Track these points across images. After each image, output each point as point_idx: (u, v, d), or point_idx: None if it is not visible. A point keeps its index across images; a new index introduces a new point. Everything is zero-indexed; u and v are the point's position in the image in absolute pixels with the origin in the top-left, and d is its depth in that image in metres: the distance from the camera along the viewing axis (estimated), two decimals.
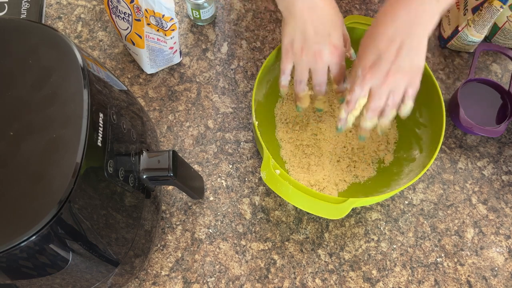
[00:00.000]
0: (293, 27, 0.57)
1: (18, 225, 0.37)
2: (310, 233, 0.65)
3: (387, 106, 0.56)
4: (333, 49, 0.57)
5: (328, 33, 0.57)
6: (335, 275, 0.63)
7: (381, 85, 0.55)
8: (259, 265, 0.63)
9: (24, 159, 0.39)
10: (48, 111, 0.41)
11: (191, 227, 0.65)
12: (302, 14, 0.56)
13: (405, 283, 0.63)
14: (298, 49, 0.58)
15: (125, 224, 0.49)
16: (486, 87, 0.74)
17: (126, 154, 0.48)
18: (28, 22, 0.46)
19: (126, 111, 0.51)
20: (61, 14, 0.80)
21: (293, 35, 0.58)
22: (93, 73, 0.45)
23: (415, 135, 0.68)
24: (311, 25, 0.56)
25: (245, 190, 0.68)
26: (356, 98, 0.56)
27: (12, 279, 0.42)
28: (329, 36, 0.57)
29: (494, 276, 0.64)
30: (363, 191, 0.66)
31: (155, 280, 0.62)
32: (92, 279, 0.48)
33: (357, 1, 0.84)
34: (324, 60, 0.57)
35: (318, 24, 0.56)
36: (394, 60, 0.53)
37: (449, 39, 0.77)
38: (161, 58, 0.71)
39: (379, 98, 0.55)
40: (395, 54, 0.53)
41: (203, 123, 0.72)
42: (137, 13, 0.64)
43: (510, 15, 0.73)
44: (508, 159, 0.72)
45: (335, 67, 0.59)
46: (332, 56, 0.57)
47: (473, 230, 0.67)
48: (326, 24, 0.57)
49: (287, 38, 0.58)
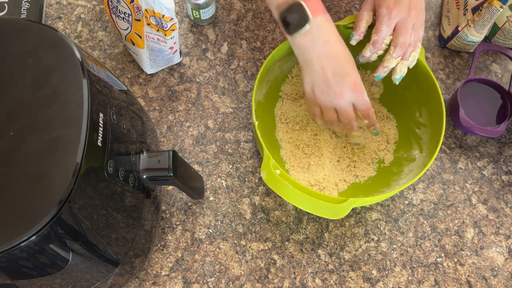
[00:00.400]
0: (311, 74, 0.59)
1: (18, 225, 0.37)
2: (310, 233, 0.65)
3: (409, 46, 0.61)
4: (353, 86, 0.59)
5: (346, 72, 0.59)
6: (335, 275, 0.63)
7: (406, 18, 0.60)
8: (259, 265, 0.63)
9: (24, 159, 0.39)
10: (48, 111, 0.41)
11: (191, 227, 0.65)
12: (318, 61, 0.58)
13: (405, 283, 0.63)
14: (320, 93, 0.60)
15: (125, 224, 0.49)
16: (486, 87, 0.74)
17: (126, 154, 0.48)
18: (28, 22, 0.46)
19: (126, 111, 0.52)
20: (61, 14, 0.80)
21: (313, 81, 0.60)
22: (93, 73, 0.45)
23: (415, 135, 0.68)
24: (328, 69, 0.58)
25: (245, 190, 0.68)
26: (383, 37, 0.61)
27: (12, 279, 0.42)
28: (347, 75, 0.59)
29: (494, 276, 0.64)
30: (363, 191, 0.66)
31: (155, 280, 0.62)
32: (92, 279, 0.48)
33: (357, 1, 0.84)
34: (346, 99, 0.59)
35: (335, 66, 0.59)
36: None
37: (449, 39, 0.77)
38: (161, 58, 0.71)
39: (407, 31, 0.60)
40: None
41: (203, 123, 0.72)
42: (137, 13, 0.64)
43: (510, 15, 0.73)
44: (508, 159, 0.72)
45: (360, 103, 0.61)
46: (354, 93, 0.59)
47: (473, 230, 0.67)
48: (343, 65, 0.59)
49: (308, 85, 0.61)
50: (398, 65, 0.62)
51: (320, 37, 0.58)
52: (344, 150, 0.69)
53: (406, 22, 0.60)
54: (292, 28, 0.57)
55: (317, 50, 0.58)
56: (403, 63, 0.62)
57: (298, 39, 0.58)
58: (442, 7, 0.83)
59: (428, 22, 0.82)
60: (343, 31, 0.68)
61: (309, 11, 0.56)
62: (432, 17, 0.83)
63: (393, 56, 0.61)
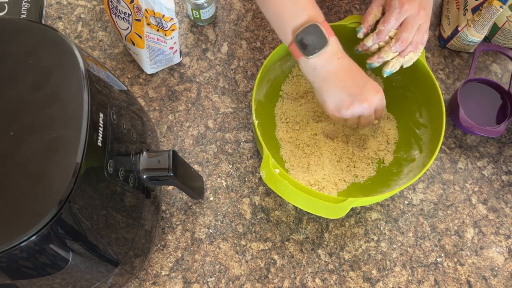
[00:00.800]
0: (332, 92, 0.60)
1: (18, 225, 0.37)
2: (310, 233, 0.65)
3: (410, 45, 0.61)
4: (375, 91, 0.60)
5: (365, 81, 0.60)
6: (335, 275, 0.63)
7: (415, 16, 0.60)
8: (259, 265, 0.63)
9: (24, 159, 0.39)
10: (48, 111, 0.41)
11: (191, 227, 0.65)
12: (337, 75, 0.59)
13: (405, 283, 0.63)
14: (346, 108, 0.60)
15: (125, 224, 0.49)
16: (486, 87, 0.74)
17: (126, 154, 0.48)
18: (28, 22, 0.46)
19: (126, 111, 0.52)
20: (61, 14, 0.80)
21: (336, 98, 0.60)
22: (93, 73, 0.45)
23: (415, 135, 0.68)
24: (349, 81, 0.59)
25: (245, 190, 0.68)
26: (389, 29, 0.62)
27: (12, 279, 0.42)
28: (367, 83, 0.60)
29: (494, 276, 0.64)
30: (363, 191, 0.66)
31: (155, 280, 0.62)
32: (92, 279, 0.48)
33: (357, 1, 0.84)
34: (372, 105, 0.61)
35: (354, 77, 0.60)
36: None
37: (449, 39, 0.77)
38: (161, 58, 0.71)
39: (412, 28, 0.60)
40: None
41: (203, 123, 0.72)
42: (137, 13, 0.64)
43: (510, 15, 0.73)
44: (508, 159, 0.72)
45: (380, 105, 0.62)
46: (377, 98, 0.61)
47: (473, 230, 0.67)
48: (359, 75, 0.60)
49: (331, 105, 0.61)
50: (392, 60, 0.63)
51: (335, 55, 0.58)
52: (344, 150, 0.69)
53: (414, 19, 0.61)
54: (310, 49, 0.57)
55: (333, 66, 0.59)
56: (398, 59, 0.63)
57: (313, 60, 0.58)
58: (442, 7, 0.83)
59: None
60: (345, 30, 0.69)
61: (326, 32, 0.57)
62: (432, 17, 0.82)
63: (392, 49, 0.62)
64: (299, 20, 0.57)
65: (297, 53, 0.58)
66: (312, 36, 0.57)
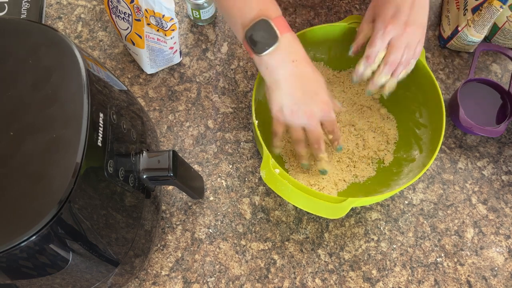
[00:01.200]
0: (280, 94, 0.58)
1: (18, 225, 0.37)
2: (310, 233, 0.65)
3: (400, 65, 0.60)
4: (322, 105, 0.58)
5: (315, 91, 0.58)
6: (335, 275, 0.63)
7: (400, 36, 0.58)
8: (259, 265, 0.63)
9: (24, 159, 0.39)
10: (48, 111, 0.41)
11: (191, 227, 0.65)
12: (287, 80, 0.57)
13: (405, 283, 0.63)
14: (289, 114, 0.58)
15: (125, 224, 0.49)
16: (486, 87, 0.74)
17: (126, 154, 0.48)
18: (28, 22, 0.46)
19: (126, 111, 0.52)
20: (61, 14, 0.80)
21: (281, 101, 0.58)
22: (93, 73, 0.45)
23: (415, 135, 0.68)
24: (298, 88, 0.57)
25: (245, 190, 0.68)
26: (377, 51, 0.60)
27: (12, 279, 0.42)
28: (317, 94, 0.58)
29: (494, 276, 0.64)
30: (363, 191, 0.66)
31: (155, 280, 0.62)
32: (92, 279, 0.48)
33: (357, 1, 0.84)
34: (316, 117, 0.59)
35: (305, 85, 0.58)
36: (410, 12, 0.58)
37: (449, 39, 0.77)
38: (161, 58, 0.71)
39: (398, 49, 0.59)
40: (410, 7, 0.58)
41: (203, 123, 0.72)
42: (137, 13, 0.64)
43: (510, 15, 0.73)
44: (508, 159, 0.72)
45: (328, 120, 0.60)
46: (323, 112, 0.59)
47: (473, 230, 0.67)
48: (312, 84, 0.58)
49: (276, 106, 0.59)
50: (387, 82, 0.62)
51: (288, 56, 0.56)
52: (344, 150, 0.69)
53: (399, 39, 0.59)
54: (259, 46, 0.55)
55: (286, 69, 0.57)
56: (392, 80, 0.62)
57: (265, 59, 0.56)
58: (442, 7, 0.83)
59: (428, 22, 0.82)
60: (345, 30, 0.69)
61: (277, 29, 0.55)
62: (432, 17, 0.83)
63: (382, 74, 0.61)
64: (249, 15, 0.55)
65: (249, 51, 0.57)
66: (261, 32, 0.55)
